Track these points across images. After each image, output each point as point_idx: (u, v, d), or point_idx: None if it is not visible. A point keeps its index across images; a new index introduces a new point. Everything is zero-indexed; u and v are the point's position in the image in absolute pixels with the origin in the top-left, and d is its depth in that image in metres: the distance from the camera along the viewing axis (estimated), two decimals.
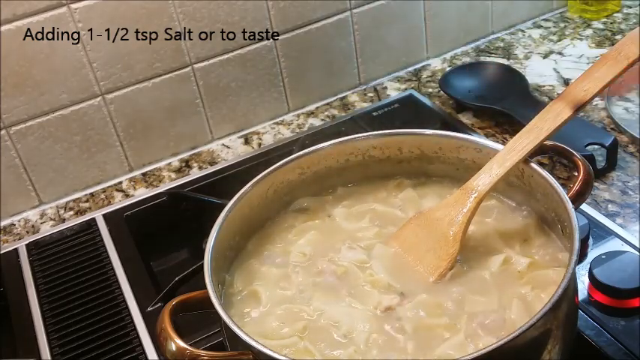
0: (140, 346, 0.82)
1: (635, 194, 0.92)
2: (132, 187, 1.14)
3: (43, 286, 0.93)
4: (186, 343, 0.59)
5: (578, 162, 0.70)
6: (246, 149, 1.19)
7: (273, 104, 1.23)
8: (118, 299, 0.89)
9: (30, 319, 0.88)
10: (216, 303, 0.60)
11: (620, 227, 0.86)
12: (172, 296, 0.76)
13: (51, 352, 0.83)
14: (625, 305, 0.73)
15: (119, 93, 1.10)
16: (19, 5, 0.98)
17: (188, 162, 1.18)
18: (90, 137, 1.11)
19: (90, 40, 1.04)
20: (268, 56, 1.18)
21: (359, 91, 1.29)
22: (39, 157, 1.09)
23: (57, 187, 1.12)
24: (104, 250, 0.97)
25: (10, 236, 1.07)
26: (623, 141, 1.02)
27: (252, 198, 0.74)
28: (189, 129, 1.18)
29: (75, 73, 1.05)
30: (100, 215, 1.04)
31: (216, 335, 0.77)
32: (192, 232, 0.97)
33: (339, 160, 0.79)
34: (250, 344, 0.56)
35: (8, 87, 1.02)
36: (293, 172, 0.78)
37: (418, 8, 1.27)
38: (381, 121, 1.15)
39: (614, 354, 0.69)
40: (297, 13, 1.17)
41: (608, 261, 0.76)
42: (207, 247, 0.66)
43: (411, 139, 0.78)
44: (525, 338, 0.53)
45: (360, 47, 1.25)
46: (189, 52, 1.11)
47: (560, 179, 0.95)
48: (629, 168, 0.97)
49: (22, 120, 1.05)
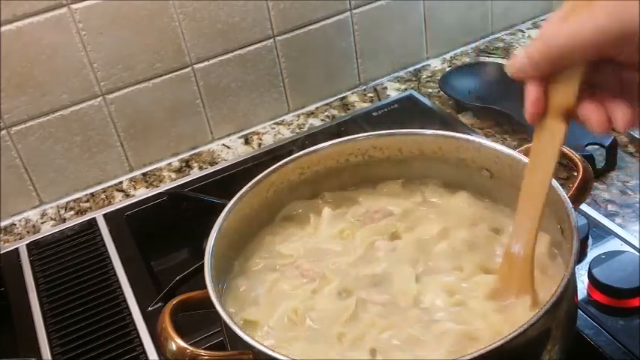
0: (140, 346, 0.82)
1: (635, 194, 0.92)
2: (132, 187, 1.14)
3: (44, 286, 0.93)
4: (187, 343, 0.59)
5: (578, 162, 0.71)
6: (246, 149, 1.19)
7: (273, 104, 1.23)
8: (118, 299, 0.89)
9: (31, 319, 0.89)
10: (216, 303, 0.60)
11: (620, 227, 0.86)
12: (173, 296, 0.76)
13: (51, 351, 0.84)
14: (624, 305, 0.74)
15: (120, 93, 1.10)
16: (19, 5, 0.98)
17: (188, 162, 1.18)
18: (90, 137, 1.11)
19: (90, 40, 1.04)
20: (268, 56, 1.18)
21: (359, 91, 1.29)
22: (39, 157, 1.09)
23: (57, 187, 1.12)
24: (105, 249, 0.97)
25: (10, 236, 1.07)
26: (623, 141, 1.02)
27: (252, 198, 0.74)
28: (190, 129, 1.18)
29: (76, 74, 1.05)
30: (100, 215, 1.04)
31: (216, 335, 0.77)
32: (192, 232, 0.97)
33: (339, 160, 0.79)
34: (250, 344, 0.56)
35: (9, 87, 1.02)
36: (293, 172, 0.78)
37: (418, 8, 1.27)
38: (381, 121, 1.15)
39: (613, 353, 0.69)
40: (297, 13, 1.17)
41: (607, 261, 0.76)
42: (207, 247, 0.66)
43: (411, 139, 0.78)
44: (525, 338, 0.53)
45: (360, 47, 1.25)
46: (189, 52, 1.12)
47: (560, 179, 0.95)
48: (628, 168, 0.97)
49: (23, 120, 1.05)
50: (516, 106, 1.09)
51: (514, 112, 1.08)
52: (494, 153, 0.73)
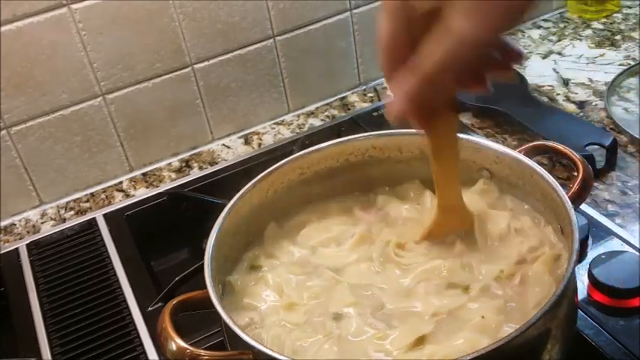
0: (140, 346, 0.82)
1: (635, 194, 0.92)
2: (132, 187, 1.14)
3: (44, 286, 0.93)
4: (187, 343, 0.59)
5: (578, 162, 0.70)
6: (246, 149, 1.19)
7: (273, 104, 1.23)
8: (118, 299, 0.89)
9: (30, 319, 0.89)
10: (216, 303, 0.60)
11: (620, 227, 0.86)
12: (172, 296, 0.76)
13: (51, 351, 0.84)
14: (624, 305, 0.73)
15: (120, 93, 1.10)
16: (19, 5, 0.98)
17: (188, 162, 1.18)
18: (90, 137, 1.11)
19: (90, 40, 1.04)
20: (268, 56, 1.18)
21: (359, 92, 1.29)
22: (39, 157, 1.09)
23: (57, 187, 1.12)
24: (105, 250, 0.97)
25: (10, 236, 1.07)
26: (623, 141, 1.02)
27: (252, 198, 0.74)
28: (190, 129, 1.18)
29: (75, 74, 1.05)
30: (100, 215, 1.04)
31: (216, 335, 0.77)
32: (192, 232, 0.97)
33: (339, 160, 0.79)
34: (250, 344, 0.56)
35: (9, 87, 1.02)
36: (293, 172, 0.78)
37: None
38: (381, 121, 1.15)
39: (613, 353, 0.69)
40: (297, 13, 1.17)
41: (607, 261, 0.76)
42: (207, 247, 0.66)
43: (411, 139, 0.78)
44: (525, 338, 0.53)
45: (360, 47, 1.25)
46: (189, 52, 1.12)
47: (560, 179, 0.94)
48: (628, 168, 0.97)
49: (23, 120, 1.05)
50: (516, 107, 1.09)
51: (514, 112, 1.08)
52: (494, 153, 0.73)
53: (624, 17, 1.37)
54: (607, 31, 1.33)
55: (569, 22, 1.39)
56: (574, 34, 1.34)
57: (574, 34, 1.34)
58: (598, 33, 1.33)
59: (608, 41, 1.30)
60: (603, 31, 1.34)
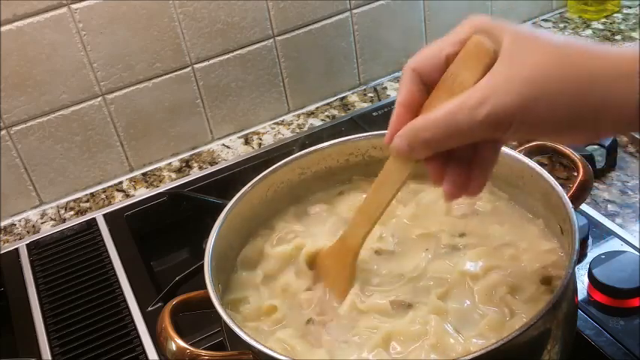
0: (140, 346, 0.82)
1: (635, 194, 0.92)
2: (132, 187, 1.14)
3: (44, 286, 0.93)
4: (187, 343, 0.59)
5: (578, 162, 0.70)
6: (246, 149, 1.19)
7: (273, 104, 1.23)
8: (118, 299, 0.89)
9: (30, 319, 0.89)
10: (216, 303, 0.60)
11: (620, 227, 0.86)
12: (172, 296, 0.76)
13: (51, 351, 0.84)
14: (624, 305, 0.73)
15: (119, 93, 1.10)
16: (19, 5, 0.98)
17: (188, 162, 1.18)
18: (90, 137, 1.11)
19: (90, 40, 1.04)
20: (268, 56, 1.18)
21: (359, 91, 1.29)
22: (39, 157, 1.09)
23: (57, 187, 1.12)
24: (104, 250, 0.97)
25: (10, 236, 1.07)
26: (623, 141, 1.02)
27: (252, 198, 0.74)
28: (190, 129, 1.18)
29: (75, 74, 1.05)
30: (100, 215, 1.04)
31: (216, 335, 0.77)
32: (192, 232, 0.97)
33: (339, 160, 0.79)
34: (250, 344, 0.56)
35: (9, 87, 1.02)
36: (293, 172, 0.78)
37: (418, 8, 1.27)
38: (381, 121, 1.14)
39: (613, 354, 0.69)
40: (297, 13, 1.17)
41: (607, 261, 0.76)
42: (207, 247, 0.66)
43: None
44: (525, 338, 0.53)
45: (360, 47, 1.25)
46: (189, 52, 1.12)
47: (560, 179, 0.94)
48: (628, 168, 0.97)
49: (23, 120, 1.05)
50: None
51: None
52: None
53: (624, 17, 1.37)
54: (607, 31, 1.33)
55: (569, 22, 1.39)
56: (574, 34, 1.34)
57: (574, 34, 1.34)
58: (598, 33, 1.33)
59: (608, 41, 1.30)
60: (603, 31, 1.34)
